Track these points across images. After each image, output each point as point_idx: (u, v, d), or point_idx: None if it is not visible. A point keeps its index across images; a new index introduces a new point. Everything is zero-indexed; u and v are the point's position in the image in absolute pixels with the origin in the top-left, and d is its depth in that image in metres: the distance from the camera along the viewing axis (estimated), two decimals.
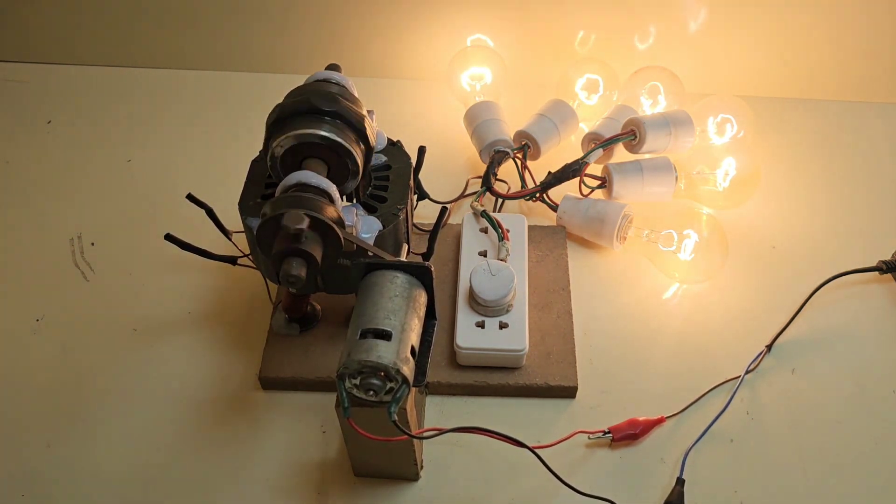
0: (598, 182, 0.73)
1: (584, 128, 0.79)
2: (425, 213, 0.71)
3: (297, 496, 0.57)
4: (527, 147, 0.76)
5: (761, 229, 0.74)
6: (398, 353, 0.46)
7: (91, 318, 0.68)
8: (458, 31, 0.85)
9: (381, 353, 0.46)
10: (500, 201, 0.74)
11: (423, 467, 0.58)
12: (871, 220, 0.75)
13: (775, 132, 0.83)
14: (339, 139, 0.53)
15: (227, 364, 0.64)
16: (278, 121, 0.53)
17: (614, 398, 0.62)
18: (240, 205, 0.58)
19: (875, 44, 0.84)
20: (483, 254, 0.68)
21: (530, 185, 0.74)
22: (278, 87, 0.57)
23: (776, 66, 0.86)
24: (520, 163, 0.75)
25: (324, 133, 0.52)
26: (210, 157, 0.81)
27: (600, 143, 0.73)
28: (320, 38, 0.88)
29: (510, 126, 0.77)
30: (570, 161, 0.73)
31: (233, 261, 0.64)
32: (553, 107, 0.77)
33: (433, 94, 0.87)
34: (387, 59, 0.89)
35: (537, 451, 0.51)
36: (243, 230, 0.59)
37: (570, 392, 0.62)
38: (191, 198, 0.62)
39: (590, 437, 0.59)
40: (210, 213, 0.62)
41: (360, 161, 0.54)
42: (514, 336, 0.62)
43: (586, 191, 0.73)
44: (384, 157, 0.61)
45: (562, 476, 0.52)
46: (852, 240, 0.73)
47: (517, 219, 0.70)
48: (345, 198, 0.57)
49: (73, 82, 0.90)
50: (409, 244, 0.61)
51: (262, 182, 0.59)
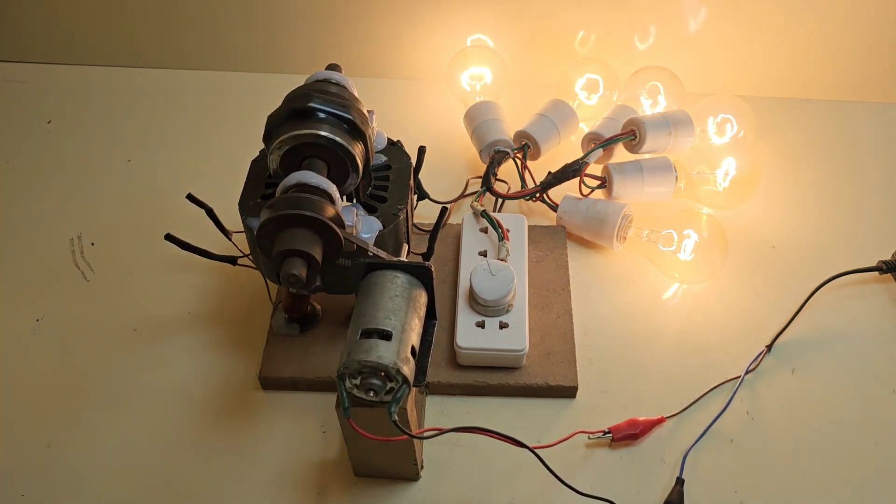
0: (598, 182, 0.73)
1: (584, 128, 0.79)
2: (425, 213, 0.71)
3: (297, 496, 0.57)
4: (527, 147, 0.76)
5: (761, 229, 0.74)
6: (398, 353, 0.46)
7: (91, 318, 0.68)
8: (458, 31, 0.85)
9: (382, 353, 0.46)
10: (500, 201, 0.74)
11: (423, 467, 0.58)
12: (871, 220, 0.75)
13: (775, 132, 0.83)
14: (339, 139, 0.53)
15: (227, 364, 0.64)
16: (278, 121, 0.53)
17: (614, 398, 0.62)
18: (240, 205, 0.58)
19: (875, 44, 0.84)
20: (483, 254, 0.68)
21: (530, 185, 0.74)
22: (278, 87, 0.57)
23: (776, 66, 0.86)
24: (520, 163, 0.75)
25: (324, 133, 0.52)
26: (210, 157, 0.81)
27: (600, 143, 0.73)
28: (320, 38, 0.88)
29: (510, 126, 0.77)
30: (570, 161, 0.73)
31: (233, 261, 0.64)
32: (553, 107, 0.77)
33: (433, 94, 0.87)
34: (387, 59, 0.89)
35: (537, 451, 0.51)
36: (243, 230, 0.59)
37: (570, 392, 0.62)
38: (191, 198, 0.62)
39: (590, 437, 0.59)
40: (210, 213, 0.62)
41: (360, 161, 0.54)
42: (514, 336, 0.62)
43: (586, 191, 0.73)
44: (384, 157, 0.61)
45: (562, 476, 0.52)
46: (852, 240, 0.73)
47: (517, 219, 0.70)
48: (345, 198, 0.57)
49: (73, 82, 0.90)
50: (409, 244, 0.61)
51: (262, 182, 0.59)
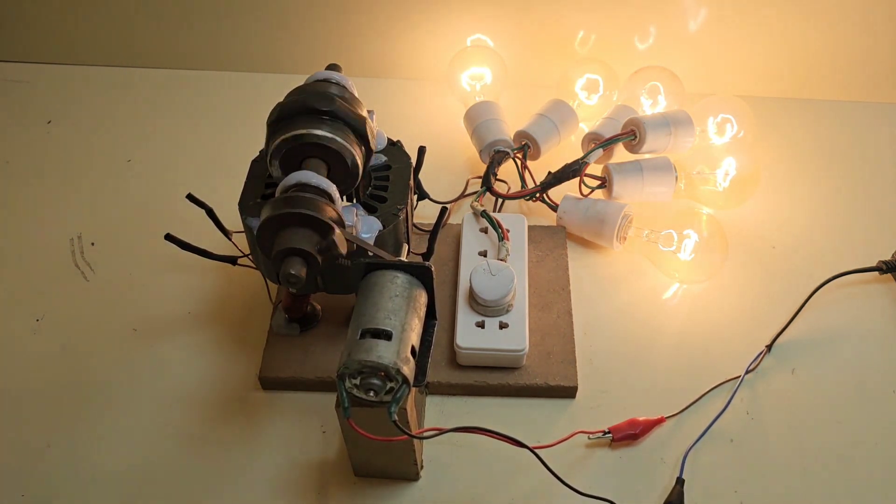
0: (598, 182, 0.73)
1: (584, 128, 0.79)
2: (425, 213, 0.71)
3: (297, 496, 0.57)
4: (527, 147, 0.76)
5: (761, 229, 0.74)
6: (398, 353, 0.46)
7: (91, 318, 0.68)
8: (458, 31, 0.85)
9: (382, 353, 0.46)
10: (500, 201, 0.74)
11: (423, 467, 0.58)
12: (871, 220, 0.75)
13: (775, 132, 0.83)
14: (338, 139, 0.53)
15: (227, 364, 0.64)
16: (278, 121, 0.53)
17: (614, 398, 0.62)
18: (240, 205, 0.58)
19: (875, 44, 0.84)
20: (483, 254, 0.68)
21: (530, 185, 0.74)
22: (278, 87, 0.57)
23: (776, 66, 0.86)
24: (520, 163, 0.75)
25: (323, 133, 0.52)
26: (210, 157, 0.81)
27: (600, 143, 0.73)
28: (320, 38, 0.88)
29: (510, 126, 0.77)
30: (570, 161, 0.73)
31: (233, 261, 0.64)
32: (553, 107, 0.77)
33: (433, 94, 0.87)
34: (387, 59, 0.89)
35: (537, 451, 0.51)
36: (243, 230, 0.59)
37: (570, 392, 0.62)
38: (191, 198, 0.62)
39: (590, 437, 0.59)
40: (210, 213, 0.62)
41: (360, 161, 0.54)
42: (514, 336, 0.62)
43: (586, 191, 0.73)
44: (384, 157, 0.61)
45: (562, 476, 0.52)
46: (852, 240, 0.73)
47: (517, 219, 0.70)
48: (345, 198, 0.57)
49: (73, 82, 0.90)
50: (409, 244, 0.61)
51: (262, 182, 0.59)
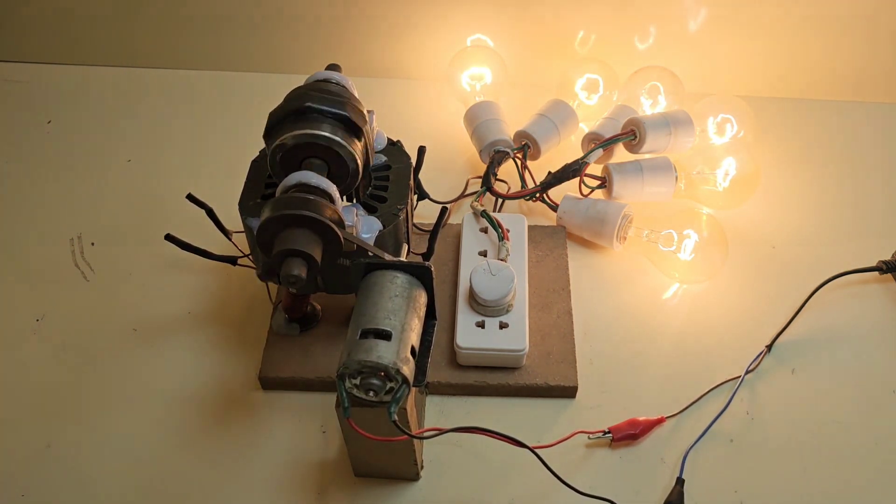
0: (598, 182, 0.73)
1: (584, 128, 0.79)
2: (425, 213, 0.71)
3: (297, 496, 0.57)
4: (527, 147, 0.76)
5: (761, 229, 0.74)
6: (398, 353, 0.46)
7: (91, 318, 0.68)
8: (458, 31, 0.85)
9: (381, 353, 0.46)
10: (500, 201, 0.74)
11: (423, 467, 0.58)
12: (871, 220, 0.75)
13: (775, 132, 0.83)
14: (339, 139, 0.53)
15: (227, 364, 0.64)
16: (278, 121, 0.53)
17: (614, 398, 0.62)
18: (240, 205, 0.58)
19: (875, 44, 0.84)
20: (483, 254, 0.68)
21: (530, 185, 0.74)
22: (278, 87, 0.57)
23: (776, 66, 0.86)
24: (520, 163, 0.75)
25: (324, 133, 0.52)
26: (210, 157, 0.81)
27: (600, 143, 0.73)
28: (320, 38, 0.88)
29: (510, 126, 0.77)
30: (570, 161, 0.73)
31: (233, 261, 0.64)
32: (553, 107, 0.77)
33: (433, 94, 0.87)
34: (387, 59, 0.89)
35: (537, 451, 0.51)
36: (243, 230, 0.59)
37: (570, 392, 0.62)
38: (191, 198, 0.62)
39: (590, 437, 0.59)
40: (210, 213, 0.62)
41: (360, 161, 0.54)
42: (514, 336, 0.62)
43: (586, 191, 0.73)
44: (384, 157, 0.61)
45: (562, 476, 0.52)
46: (852, 240, 0.73)
47: (517, 219, 0.70)
48: (345, 198, 0.57)
49: (73, 82, 0.90)
50: (409, 244, 0.61)
51: (262, 182, 0.59)
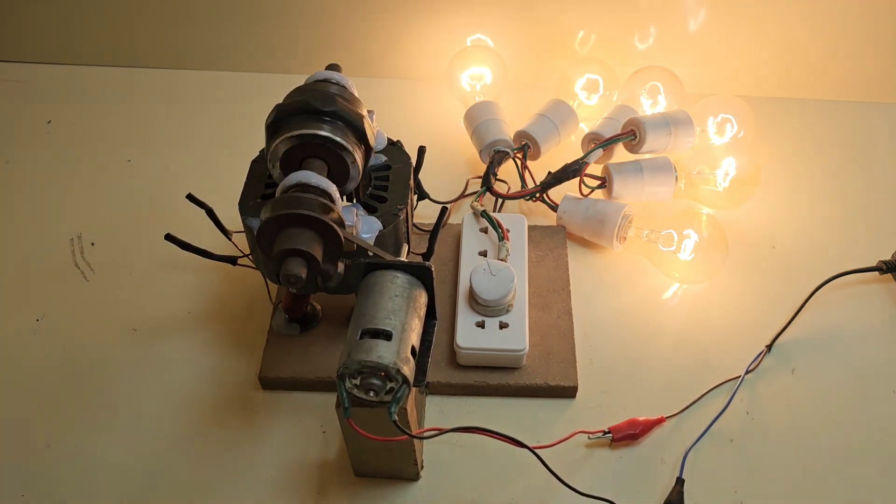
0: (598, 182, 0.73)
1: (584, 128, 0.79)
2: (425, 213, 0.71)
3: (297, 496, 0.57)
4: (527, 147, 0.76)
5: (761, 229, 0.74)
6: (398, 353, 0.46)
7: (91, 318, 0.68)
8: (458, 31, 0.85)
9: (382, 353, 0.46)
10: (500, 201, 0.74)
11: (423, 467, 0.58)
12: (871, 220, 0.75)
13: (775, 132, 0.83)
14: (339, 139, 0.53)
15: (227, 364, 0.64)
16: (278, 121, 0.53)
17: (614, 398, 0.62)
18: (240, 205, 0.58)
19: (875, 44, 0.84)
20: (483, 254, 0.68)
21: (530, 185, 0.74)
22: (278, 87, 0.57)
23: (776, 66, 0.86)
24: (520, 163, 0.75)
25: (324, 133, 0.52)
26: (210, 157, 0.81)
27: (600, 143, 0.73)
28: (320, 38, 0.88)
29: (510, 126, 0.77)
30: (570, 161, 0.73)
31: (233, 261, 0.64)
32: (553, 107, 0.77)
33: (433, 94, 0.87)
34: (387, 59, 0.89)
35: (537, 451, 0.51)
36: (243, 230, 0.59)
37: (570, 392, 0.62)
38: (191, 198, 0.62)
39: (590, 437, 0.59)
40: (210, 213, 0.62)
41: (360, 161, 0.54)
42: (514, 336, 0.62)
43: (586, 191, 0.73)
44: (384, 157, 0.61)
45: (562, 476, 0.52)
46: (852, 240, 0.73)
47: (517, 219, 0.70)
48: (345, 198, 0.57)
49: (73, 82, 0.90)
50: (409, 244, 0.61)
51: (262, 182, 0.59)
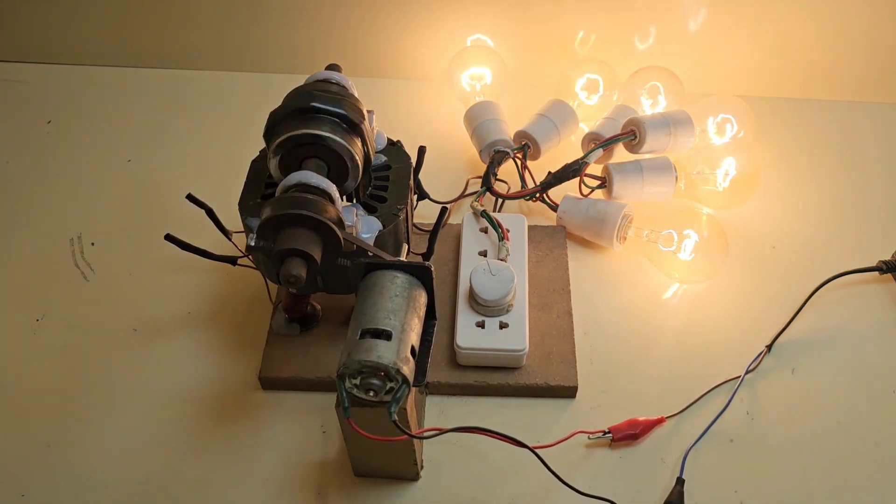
0: (598, 182, 0.73)
1: (584, 128, 0.79)
2: (425, 213, 0.71)
3: (297, 496, 0.57)
4: (527, 147, 0.76)
5: (761, 229, 0.74)
6: (398, 353, 0.46)
7: (91, 318, 0.68)
8: (458, 31, 0.85)
9: (381, 353, 0.46)
10: (500, 201, 0.74)
11: (423, 467, 0.58)
12: (871, 220, 0.75)
13: (775, 132, 0.83)
14: (338, 139, 0.53)
15: (227, 364, 0.64)
16: (278, 121, 0.53)
17: (614, 398, 0.62)
18: (240, 205, 0.58)
19: (875, 44, 0.84)
20: (483, 254, 0.68)
21: (530, 185, 0.74)
22: (278, 87, 0.57)
23: (776, 66, 0.86)
24: (520, 163, 0.75)
25: (324, 133, 0.52)
26: (210, 157, 0.81)
27: (600, 143, 0.73)
28: (320, 38, 0.88)
29: (510, 126, 0.77)
30: (570, 161, 0.73)
31: (233, 261, 0.64)
32: (553, 107, 0.77)
33: (433, 94, 0.87)
34: (387, 59, 0.89)
35: (537, 451, 0.51)
36: (243, 230, 0.59)
37: (570, 392, 0.62)
38: (191, 198, 0.62)
39: (590, 437, 0.59)
40: (210, 213, 0.62)
41: (360, 161, 0.54)
42: (514, 336, 0.62)
43: (586, 191, 0.73)
44: (384, 157, 0.61)
45: (562, 476, 0.52)
46: (852, 240, 0.73)
47: (517, 219, 0.70)
48: (345, 198, 0.57)
49: (73, 82, 0.90)
50: (409, 244, 0.61)
51: (262, 182, 0.59)
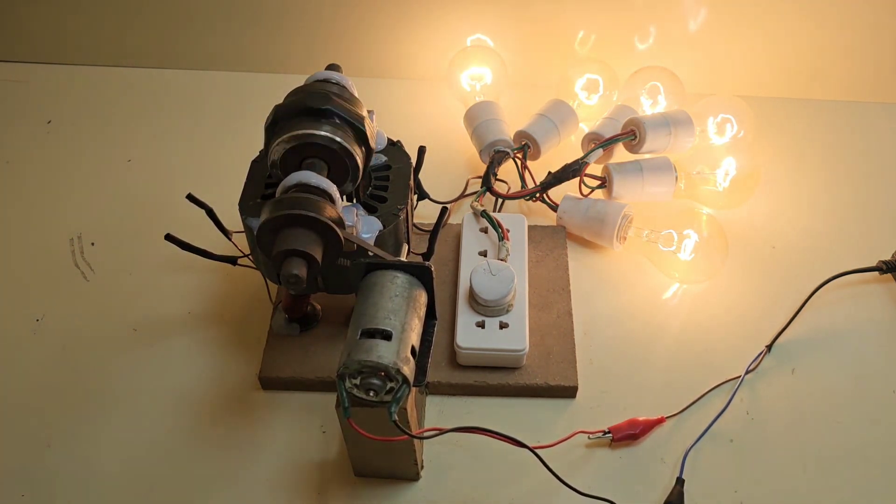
0: (598, 182, 0.73)
1: (584, 128, 0.79)
2: (425, 213, 0.71)
3: (297, 496, 0.57)
4: (527, 147, 0.76)
5: (761, 229, 0.74)
6: (398, 353, 0.46)
7: (91, 318, 0.68)
8: (458, 31, 0.85)
9: (382, 353, 0.46)
10: (500, 201, 0.74)
11: (423, 467, 0.58)
12: (871, 220, 0.75)
13: (775, 132, 0.83)
14: (338, 139, 0.53)
15: (227, 364, 0.64)
16: (278, 121, 0.53)
17: (614, 398, 0.62)
18: (240, 205, 0.58)
19: (875, 44, 0.84)
20: (483, 254, 0.68)
21: (530, 185, 0.74)
22: (278, 87, 0.57)
23: (776, 66, 0.86)
24: (520, 163, 0.75)
25: (324, 133, 0.52)
26: (210, 157, 0.81)
27: (600, 143, 0.73)
28: (320, 38, 0.88)
29: (510, 126, 0.77)
30: (570, 161, 0.73)
31: (233, 261, 0.64)
32: (553, 107, 0.77)
33: (433, 94, 0.87)
34: (387, 59, 0.89)
35: (537, 451, 0.51)
36: (243, 230, 0.59)
37: (570, 392, 0.62)
38: (191, 198, 0.62)
39: (590, 437, 0.59)
40: (210, 213, 0.62)
41: (360, 161, 0.54)
42: (514, 336, 0.62)
43: (586, 191, 0.73)
44: (384, 157, 0.61)
45: (562, 476, 0.52)
46: (852, 240, 0.73)
47: (517, 219, 0.70)
48: (345, 198, 0.57)
49: (73, 82, 0.90)
50: (409, 244, 0.61)
51: (262, 182, 0.59)
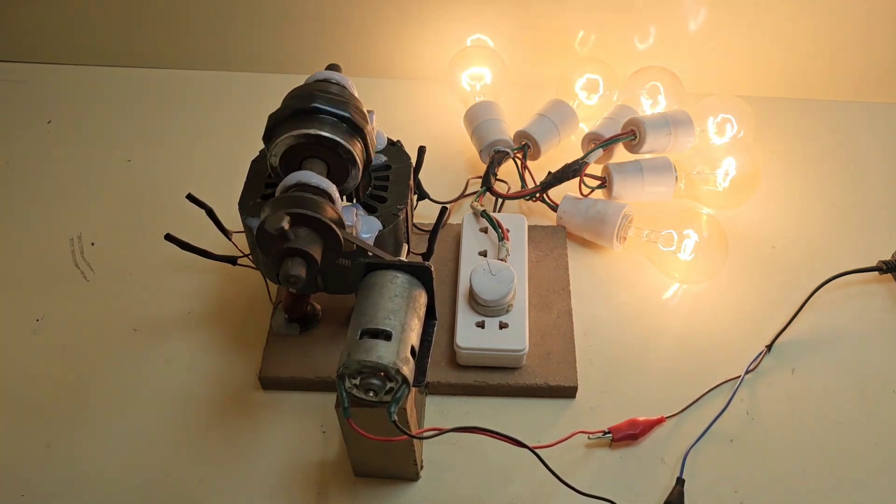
0: (598, 182, 0.73)
1: (584, 128, 0.79)
2: (425, 213, 0.71)
3: (297, 496, 0.57)
4: (527, 147, 0.76)
5: (761, 229, 0.74)
6: (398, 353, 0.46)
7: (91, 318, 0.68)
8: (458, 31, 0.85)
9: (381, 353, 0.46)
10: (500, 201, 0.74)
11: (423, 467, 0.58)
12: (871, 220, 0.75)
13: (775, 132, 0.83)
14: (339, 139, 0.53)
15: (227, 364, 0.64)
16: (278, 121, 0.53)
17: (614, 398, 0.62)
18: (240, 205, 0.58)
19: (875, 44, 0.84)
20: (483, 254, 0.68)
21: (530, 185, 0.74)
22: (278, 87, 0.57)
23: (776, 66, 0.86)
24: (520, 163, 0.75)
25: (324, 133, 0.52)
26: (210, 157, 0.81)
27: (600, 143, 0.73)
28: (320, 38, 0.88)
29: (510, 126, 0.77)
30: (570, 161, 0.73)
31: (233, 261, 0.64)
32: (553, 107, 0.77)
33: (433, 94, 0.87)
34: (387, 59, 0.89)
35: (537, 451, 0.51)
36: (243, 230, 0.59)
37: (570, 392, 0.62)
38: (191, 198, 0.62)
39: (590, 437, 0.59)
40: (210, 213, 0.62)
41: (360, 161, 0.54)
42: (514, 336, 0.62)
43: (586, 191, 0.73)
44: (384, 157, 0.61)
45: (562, 476, 0.52)
46: (852, 240, 0.73)
47: (517, 219, 0.70)
48: (345, 198, 0.57)
49: (73, 82, 0.90)
50: (409, 244, 0.61)
51: (262, 182, 0.59)
